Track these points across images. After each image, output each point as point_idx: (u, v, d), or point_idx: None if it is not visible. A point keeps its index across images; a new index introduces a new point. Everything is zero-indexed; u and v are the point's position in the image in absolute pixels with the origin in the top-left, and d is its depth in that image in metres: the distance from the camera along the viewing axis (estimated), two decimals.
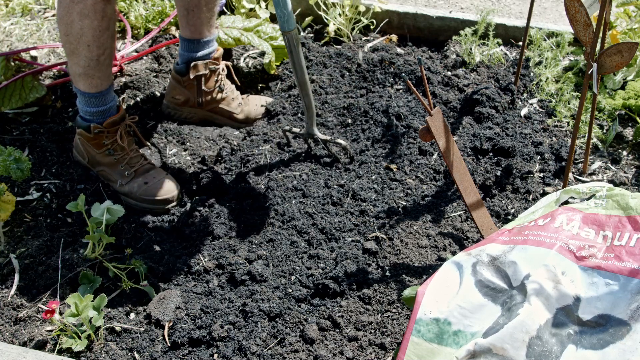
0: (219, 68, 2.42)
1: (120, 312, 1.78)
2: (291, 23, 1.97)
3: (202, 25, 2.31)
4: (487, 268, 1.45)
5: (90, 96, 2.07)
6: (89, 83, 2.05)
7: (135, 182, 2.14)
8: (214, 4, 2.30)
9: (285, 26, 1.97)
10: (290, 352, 1.66)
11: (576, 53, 2.73)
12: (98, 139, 2.13)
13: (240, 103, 2.50)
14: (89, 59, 1.99)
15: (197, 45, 2.35)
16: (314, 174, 2.19)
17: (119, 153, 2.15)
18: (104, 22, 1.93)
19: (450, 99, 2.50)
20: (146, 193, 2.12)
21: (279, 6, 1.94)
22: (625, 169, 2.21)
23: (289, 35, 1.99)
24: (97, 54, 1.98)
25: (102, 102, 2.10)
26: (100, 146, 2.14)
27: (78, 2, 1.90)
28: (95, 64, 2.00)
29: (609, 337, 1.27)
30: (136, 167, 2.17)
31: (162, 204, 2.12)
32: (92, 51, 1.97)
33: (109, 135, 2.13)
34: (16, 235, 2.03)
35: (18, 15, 3.18)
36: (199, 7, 2.26)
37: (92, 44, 1.96)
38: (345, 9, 2.90)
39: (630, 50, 1.74)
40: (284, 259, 1.90)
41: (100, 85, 2.06)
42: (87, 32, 1.94)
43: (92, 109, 2.11)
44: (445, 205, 2.08)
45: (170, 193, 2.13)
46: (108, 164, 2.16)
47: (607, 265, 1.36)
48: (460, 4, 3.41)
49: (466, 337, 1.36)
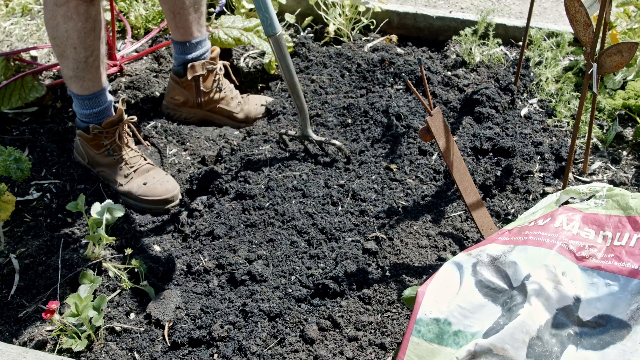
0: (217, 68, 2.42)
1: (120, 312, 1.78)
2: (275, 27, 1.97)
3: (190, 26, 2.31)
4: (487, 268, 1.45)
5: (84, 98, 2.08)
6: (81, 85, 2.05)
7: (135, 182, 2.14)
8: (199, 4, 2.30)
9: (269, 30, 1.98)
10: (290, 352, 1.66)
11: (576, 53, 2.73)
12: (97, 140, 2.13)
13: (240, 102, 2.50)
14: (77, 61, 2.00)
15: (189, 47, 2.35)
16: (314, 174, 2.19)
17: (118, 153, 2.15)
18: (88, 23, 1.93)
19: (450, 99, 2.50)
20: (145, 193, 2.12)
21: (261, 10, 1.94)
22: (625, 169, 2.21)
23: (273, 39, 2.00)
24: (85, 55, 1.99)
25: (95, 104, 2.10)
26: (99, 147, 2.14)
27: (61, 5, 1.90)
28: (84, 65, 2.01)
29: (609, 337, 1.27)
30: (135, 167, 2.17)
31: (162, 204, 2.12)
32: (80, 53, 1.98)
33: (108, 135, 2.13)
34: (16, 235, 2.03)
35: (18, 15, 3.18)
36: (185, 8, 2.26)
37: (78, 46, 1.96)
38: (345, 9, 2.90)
39: (630, 50, 1.74)
40: (284, 259, 1.90)
41: (92, 87, 2.06)
42: (72, 35, 1.94)
43: (86, 111, 2.11)
44: (445, 205, 2.08)
45: (169, 193, 2.13)
46: (107, 165, 2.17)
47: (607, 266, 1.36)
48: (460, 4, 3.41)
49: (466, 338, 1.36)
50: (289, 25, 3.05)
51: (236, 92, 2.51)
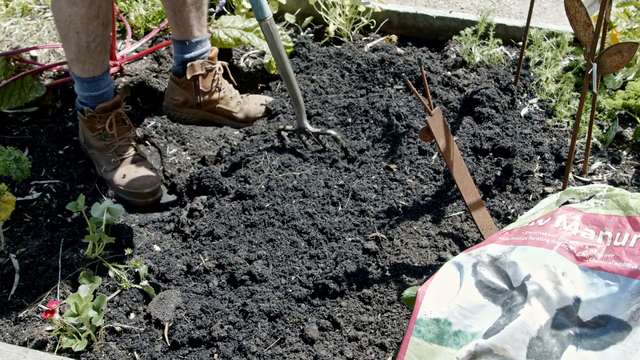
0: (215, 67, 2.42)
1: (120, 312, 1.78)
2: (264, 11, 1.97)
3: (190, 25, 2.31)
4: (487, 268, 1.45)
5: (83, 81, 2.11)
6: (81, 68, 2.08)
7: (117, 171, 2.17)
8: (201, 3, 2.30)
9: (259, 14, 1.97)
10: (290, 352, 1.66)
11: (576, 53, 2.73)
12: (91, 123, 2.18)
13: (239, 102, 2.50)
14: (79, 45, 2.01)
15: (188, 46, 2.35)
16: (314, 173, 2.19)
17: (109, 139, 2.18)
18: (92, 9, 1.94)
19: (450, 99, 2.50)
20: (123, 184, 2.14)
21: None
22: (625, 169, 2.21)
23: (263, 25, 1.99)
24: (87, 41, 2.00)
25: (94, 88, 2.12)
26: (93, 130, 2.19)
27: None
28: (85, 50, 2.03)
29: (609, 338, 1.27)
30: (124, 156, 2.19)
31: (139, 197, 2.13)
32: (82, 38, 1.99)
33: (101, 120, 2.16)
34: (16, 235, 2.03)
35: (18, 15, 3.18)
36: (186, 6, 2.26)
37: (80, 31, 1.98)
38: (345, 9, 2.90)
39: (630, 50, 1.74)
40: (284, 259, 1.90)
41: (92, 71, 2.09)
42: (75, 19, 1.96)
43: (85, 93, 2.14)
44: (445, 205, 2.08)
45: (146, 188, 2.14)
46: (98, 148, 2.21)
47: (607, 266, 1.36)
48: (460, 4, 3.41)
49: (466, 338, 1.36)
50: (289, 25, 3.05)
51: (235, 92, 2.52)
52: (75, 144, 2.37)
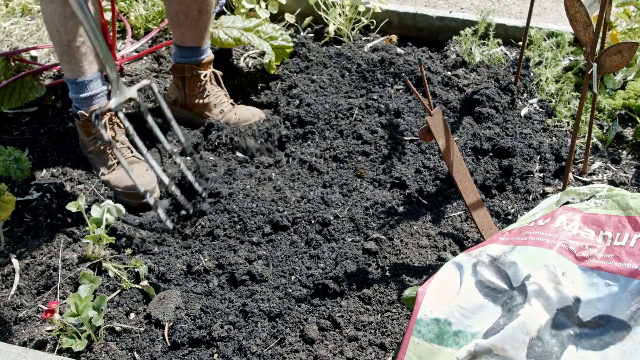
0: (202, 74, 2.42)
1: (120, 312, 1.78)
2: None
3: (186, 35, 2.33)
4: (487, 268, 1.45)
5: (70, 82, 2.12)
6: (67, 69, 2.09)
7: (114, 173, 2.17)
8: (198, 17, 2.28)
9: None
10: (290, 352, 1.66)
11: (576, 53, 2.73)
12: (86, 127, 2.17)
13: (223, 110, 2.48)
14: (61, 45, 2.03)
15: (182, 50, 2.37)
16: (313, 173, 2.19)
17: (104, 143, 2.18)
18: (67, 7, 1.95)
19: (450, 99, 2.49)
20: (119, 185, 2.14)
21: None
22: (625, 169, 2.21)
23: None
24: (67, 39, 2.01)
25: (81, 90, 2.12)
26: (88, 134, 2.19)
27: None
28: (67, 49, 2.03)
29: (609, 338, 1.27)
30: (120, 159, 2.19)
31: (136, 198, 2.12)
32: (62, 37, 2.01)
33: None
34: (16, 235, 2.03)
35: (18, 15, 3.18)
36: (187, 16, 2.27)
37: (60, 29, 1.99)
38: (345, 9, 2.90)
39: (630, 50, 1.74)
40: (284, 259, 1.90)
41: (77, 72, 2.09)
42: (54, 17, 1.98)
43: (74, 95, 2.14)
44: (445, 205, 2.08)
45: (142, 188, 2.14)
46: (94, 152, 2.21)
47: (607, 266, 1.36)
48: (460, 4, 3.41)
49: (466, 338, 1.36)
50: (289, 25, 3.05)
51: (223, 100, 2.49)
52: (75, 144, 2.37)
